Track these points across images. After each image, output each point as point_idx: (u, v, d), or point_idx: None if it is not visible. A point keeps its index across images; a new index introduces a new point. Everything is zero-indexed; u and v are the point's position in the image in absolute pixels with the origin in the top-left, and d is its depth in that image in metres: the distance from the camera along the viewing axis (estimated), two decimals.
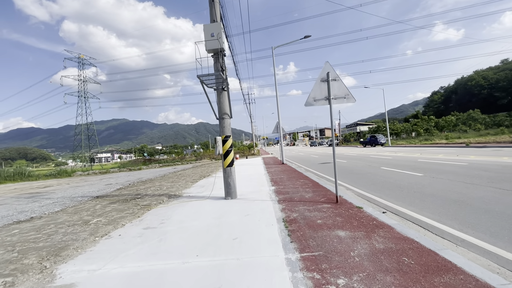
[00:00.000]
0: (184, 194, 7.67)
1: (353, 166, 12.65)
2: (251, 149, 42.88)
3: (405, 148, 26.30)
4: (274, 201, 5.73)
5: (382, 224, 3.74)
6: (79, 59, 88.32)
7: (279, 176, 10.23)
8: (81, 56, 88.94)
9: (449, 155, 14.55)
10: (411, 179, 7.97)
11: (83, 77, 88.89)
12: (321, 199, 5.57)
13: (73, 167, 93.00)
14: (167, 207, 5.92)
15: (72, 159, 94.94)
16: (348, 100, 5.16)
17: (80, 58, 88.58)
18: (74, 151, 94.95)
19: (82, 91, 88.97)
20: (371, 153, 21.08)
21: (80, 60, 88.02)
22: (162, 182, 11.16)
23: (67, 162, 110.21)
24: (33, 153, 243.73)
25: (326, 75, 5.18)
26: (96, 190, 11.57)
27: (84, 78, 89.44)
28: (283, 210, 4.89)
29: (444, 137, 34.57)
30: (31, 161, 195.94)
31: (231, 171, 6.31)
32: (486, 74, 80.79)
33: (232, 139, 6.42)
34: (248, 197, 6.33)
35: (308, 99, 5.27)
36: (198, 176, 12.73)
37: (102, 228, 4.48)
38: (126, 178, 17.18)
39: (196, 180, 11.02)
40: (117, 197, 8.07)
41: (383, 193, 6.39)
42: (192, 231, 4.00)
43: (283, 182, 8.42)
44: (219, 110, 6.38)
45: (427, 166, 10.34)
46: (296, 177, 9.63)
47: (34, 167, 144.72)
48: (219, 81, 6.16)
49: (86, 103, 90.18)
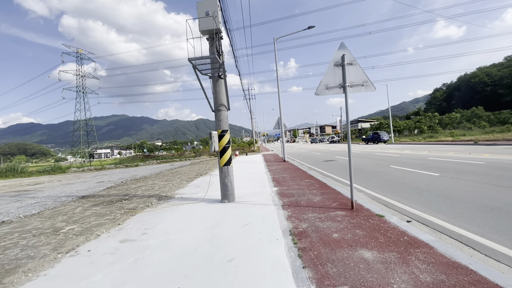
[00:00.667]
0: (177, 195, 6.89)
1: (360, 165, 11.87)
2: (251, 146, 42.08)
3: (410, 145, 25.50)
4: (277, 205, 4.95)
5: (416, 241, 2.96)
6: (78, 53, 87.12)
7: (281, 175, 9.45)
8: (79, 51, 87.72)
9: (460, 153, 13.76)
10: (428, 179, 7.19)
11: (82, 72, 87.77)
12: (332, 204, 4.79)
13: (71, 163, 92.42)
14: (155, 212, 5.15)
15: (71, 155, 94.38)
16: (367, 88, 4.35)
17: (79, 53, 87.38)
18: (73, 147, 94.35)
19: (81, 86, 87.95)
20: (375, 151, 20.28)
21: (78, 55, 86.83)
22: (156, 181, 10.38)
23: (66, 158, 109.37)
24: (33, 149, 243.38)
25: (340, 58, 4.37)
26: (85, 188, 10.81)
27: (83, 73, 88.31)
28: (289, 218, 4.12)
29: (449, 134, 33.76)
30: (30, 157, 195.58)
31: (229, 171, 5.53)
32: (489, 71, 79.56)
33: (230, 134, 5.63)
34: (247, 200, 5.55)
35: (319, 87, 4.46)
36: (195, 174, 11.95)
37: (71, 240, 3.71)
38: (120, 176, 16.42)
39: (191, 178, 10.24)
40: (103, 198, 7.30)
41: (401, 196, 5.61)
42: (178, 248, 3.22)
43: (287, 182, 7.65)
44: (215, 101, 5.57)
45: (441, 165, 9.55)
46: (300, 176, 8.85)
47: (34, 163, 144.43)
48: (214, 67, 5.34)
49: (84, 99, 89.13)
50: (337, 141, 60.70)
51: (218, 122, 5.52)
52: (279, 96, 15.93)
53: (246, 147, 41.28)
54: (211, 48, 5.46)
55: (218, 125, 5.53)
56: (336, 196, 5.51)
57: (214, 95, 5.58)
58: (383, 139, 35.44)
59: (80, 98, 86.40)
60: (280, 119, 16.23)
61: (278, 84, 15.94)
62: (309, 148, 37.41)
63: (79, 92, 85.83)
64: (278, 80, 16.00)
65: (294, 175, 9.21)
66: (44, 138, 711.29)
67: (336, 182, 7.62)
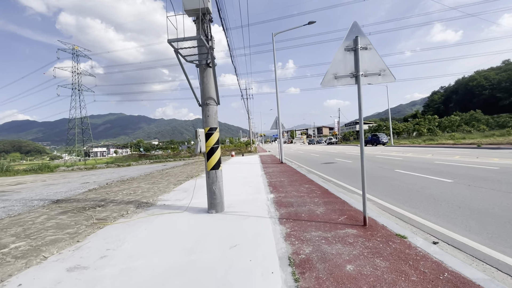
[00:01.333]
0: (159, 201, 6.05)
1: None
2: (248, 146, 41.27)
3: (410, 148, 24.85)
4: (274, 218, 4.14)
5: (462, 281, 2.16)
6: (73, 50, 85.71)
7: (278, 178, 8.65)
8: (75, 48, 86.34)
9: (466, 157, 13.07)
10: (442, 186, 6.43)
11: (77, 69, 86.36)
12: (340, 218, 3.99)
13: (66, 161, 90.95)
14: (127, 224, 4.31)
15: (67, 153, 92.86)
16: (385, 77, 3.56)
17: (75, 50, 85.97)
18: (68, 145, 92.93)
19: (76, 83, 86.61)
20: (375, 153, 19.57)
21: (74, 52, 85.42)
22: (142, 183, 9.52)
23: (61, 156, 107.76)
24: (28, 146, 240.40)
25: (353, 41, 3.58)
26: (65, 190, 9.93)
27: (78, 70, 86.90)
28: (287, 237, 3.31)
29: (449, 137, 33.24)
30: (25, 154, 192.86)
31: (217, 176, 4.71)
32: (487, 75, 79.71)
33: (219, 132, 4.81)
34: (239, 211, 4.73)
35: (325, 76, 3.66)
36: (185, 176, 11.10)
37: (5, 267, 2.86)
38: (108, 176, 15.51)
39: (180, 181, 9.39)
40: (77, 204, 6.44)
41: (416, 207, 4.84)
42: (139, 282, 2.40)
43: (284, 188, 6.84)
44: (203, 94, 4.75)
45: (451, 170, 8.81)
46: (299, 180, 8.05)
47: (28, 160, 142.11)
48: (202, 53, 4.52)
49: (80, 96, 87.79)
50: (335, 142, 60.09)
51: (205, 118, 4.70)
52: (277, 94, 15.14)
53: (243, 148, 40.46)
54: (198, 32, 4.63)
55: (205, 122, 4.71)
56: (342, 206, 4.71)
57: (201, 86, 4.76)
58: (382, 141, 34.85)
59: (75, 95, 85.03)
60: (278, 119, 15.44)
61: (276, 82, 15.16)
62: (307, 149, 36.68)
63: (75, 89, 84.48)
64: (276, 78, 15.22)
65: (293, 179, 8.40)
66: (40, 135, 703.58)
67: (339, 188, 6.84)
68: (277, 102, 15.15)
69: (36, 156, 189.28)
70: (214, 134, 4.70)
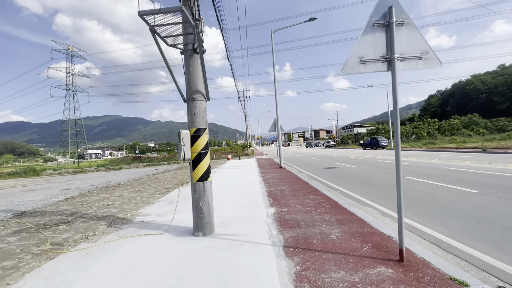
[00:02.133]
0: (138, 217, 5.07)
1: (368, 174, 10.22)
2: (245, 149, 40.30)
3: (411, 152, 24.10)
4: (277, 246, 3.19)
5: None
6: (68, 51, 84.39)
7: (279, 187, 7.70)
8: (70, 48, 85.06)
9: (477, 162, 12.27)
10: (468, 198, 5.54)
11: (72, 70, 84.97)
12: (364, 248, 3.05)
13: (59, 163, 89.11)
14: (87, 253, 3.33)
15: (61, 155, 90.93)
16: (427, 62, 2.66)
17: (69, 50, 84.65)
18: (62, 147, 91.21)
19: (71, 84, 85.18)
20: (377, 157, 18.75)
21: (68, 52, 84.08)
22: (126, 191, 8.51)
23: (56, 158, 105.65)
24: (21, 148, 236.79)
25: (384, 14, 2.68)
26: (40, 199, 8.88)
27: (73, 71, 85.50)
28: (299, 281, 2.37)
29: (449, 141, 32.65)
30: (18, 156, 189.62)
31: (205, 189, 3.76)
32: (484, 79, 79.89)
33: (208, 134, 3.87)
34: (232, 233, 3.78)
35: (348, 61, 2.75)
36: (175, 182, 10.10)
37: None
38: (95, 181, 14.44)
39: (169, 189, 8.39)
40: (42, 218, 5.43)
41: (450, 227, 3.94)
42: None
43: (286, 199, 5.90)
44: (188, 86, 3.81)
45: (469, 178, 7.94)
46: (302, 189, 7.11)
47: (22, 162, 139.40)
48: (187, 32, 3.58)
49: (74, 97, 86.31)
50: (333, 145, 59.36)
51: (191, 116, 3.76)
52: (276, 95, 14.24)
53: (240, 151, 39.46)
54: (183, 13, 3.69)
55: (191, 121, 3.76)
56: (361, 227, 3.78)
57: (186, 77, 3.82)
58: (382, 145, 34.15)
59: (69, 96, 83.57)
60: (277, 121, 14.53)
61: (275, 81, 14.28)
62: (305, 152, 35.84)
63: (69, 90, 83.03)
64: (275, 77, 14.34)
65: (295, 187, 7.46)
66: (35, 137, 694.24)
67: (349, 200, 5.91)
68: (275, 103, 14.27)
69: (30, 158, 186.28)
70: (202, 136, 3.75)
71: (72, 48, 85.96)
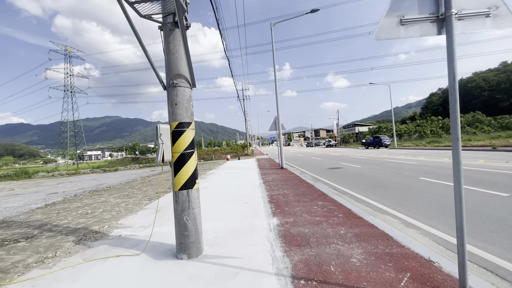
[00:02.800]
0: (116, 229, 4.27)
1: (377, 175, 9.41)
2: (245, 149, 39.50)
3: (416, 150, 23.28)
4: (283, 278, 2.39)
5: None
6: (66, 51, 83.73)
7: (281, 190, 6.90)
8: (68, 49, 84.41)
9: (492, 161, 11.50)
10: (502, 204, 4.75)
11: (70, 71, 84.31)
12: (401, 279, 2.26)
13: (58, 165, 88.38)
14: (32, 286, 2.54)
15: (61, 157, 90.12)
16: (496, 20, 1.87)
17: (67, 51, 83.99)
18: (60, 149, 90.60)
19: (69, 85, 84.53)
20: (382, 156, 17.96)
21: (66, 53, 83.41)
22: (112, 196, 7.71)
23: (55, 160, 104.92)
24: (21, 150, 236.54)
25: None
26: (22, 204, 8.13)
27: (71, 71, 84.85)
28: None
29: None
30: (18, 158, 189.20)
31: (191, 200, 2.96)
32: (486, 76, 79.11)
33: (194, 129, 3.08)
34: (224, 255, 2.98)
35: (382, 21, 1.95)
36: (169, 185, 9.30)
37: None
38: (86, 184, 13.68)
39: (160, 194, 7.60)
40: (4, 230, 4.64)
41: (498, 244, 3.14)
42: None
43: (291, 206, 5.11)
44: (168, 68, 3.01)
45: (492, 179, 7.14)
46: (308, 193, 6.32)
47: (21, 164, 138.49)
48: (166, 2, 2.79)
49: (72, 98, 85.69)
50: (334, 145, 58.54)
51: (172, 107, 2.96)
52: (276, 91, 13.45)
53: (240, 151, 38.65)
54: None
55: (172, 113, 2.96)
56: (388, 245, 2.98)
57: (166, 58, 3.02)
58: (385, 144, 33.34)
59: (68, 97, 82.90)
60: (278, 119, 13.73)
61: (276, 77, 13.48)
62: (306, 152, 35.03)
63: (67, 91, 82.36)
64: (276, 72, 13.55)
65: (299, 191, 6.66)
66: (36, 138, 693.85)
67: (364, 207, 5.11)
68: (276, 100, 13.47)
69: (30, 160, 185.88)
70: (187, 132, 2.96)
71: (70, 48, 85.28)
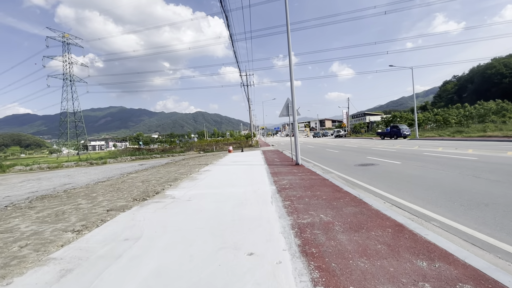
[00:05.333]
0: None
1: (441, 177, 6.42)
2: (249, 140, 36.59)
3: (448, 141, 20.08)
4: None
5: None
6: (64, 38, 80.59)
7: (314, 212, 4.01)
8: (66, 36, 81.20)
9: None
10: None
11: (68, 59, 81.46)
12: None
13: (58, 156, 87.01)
14: None
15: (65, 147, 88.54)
16: None
17: (65, 38, 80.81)
18: (61, 139, 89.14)
19: (68, 73, 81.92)
20: (413, 148, 14.93)
21: (64, 40, 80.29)
22: (66, 206, 4.98)
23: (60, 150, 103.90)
24: (27, 140, 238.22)
25: None
26: None
27: (70, 59, 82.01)
28: None
29: (482, 129, 28.44)
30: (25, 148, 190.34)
31: None
32: (507, 61, 73.91)
33: None
34: None
35: None
36: (141, 192, 6.49)
37: None
38: (53, 182, 11.04)
39: (112, 213, 4.79)
40: None
41: None
42: None
43: (343, 252, 2.25)
44: None
45: None
46: (368, 220, 3.44)
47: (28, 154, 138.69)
48: None
49: (72, 87, 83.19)
50: (344, 135, 55.21)
51: None
52: (290, 66, 10.37)
53: (244, 141, 35.77)
54: None
55: None
56: None
57: None
58: (404, 134, 30.09)
59: (67, 86, 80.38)
60: (292, 102, 10.68)
61: (289, 46, 10.38)
62: (316, 143, 31.96)
63: (66, 80, 79.78)
64: (290, 43, 10.44)
65: (346, 213, 3.77)
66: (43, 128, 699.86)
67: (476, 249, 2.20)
68: (290, 77, 10.41)
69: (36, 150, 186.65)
70: None
71: (68, 35, 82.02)
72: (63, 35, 79.70)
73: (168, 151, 33.00)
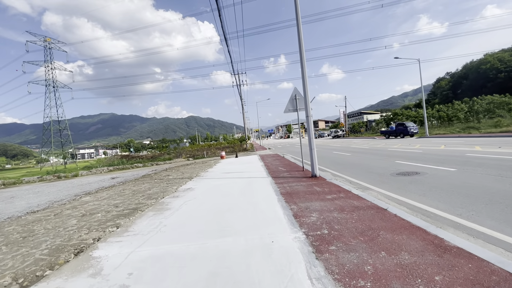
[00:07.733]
0: None
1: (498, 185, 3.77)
2: (243, 143, 33.73)
3: (463, 139, 17.69)
4: None
5: None
6: (45, 43, 76.21)
7: None
8: (47, 40, 76.88)
9: None
10: None
11: (51, 64, 77.13)
12: None
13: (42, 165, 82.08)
14: None
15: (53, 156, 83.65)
16: None
17: (46, 42, 76.44)
18: (44, 148, 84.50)
19: (50, 79, 77.58)
20: (440, 148, 12.37)
21: (46, 45, 75.92)
22: None
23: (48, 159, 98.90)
24: (14, 150, 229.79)
25: None
26: None
27: (52, 65, 77.66)
28: None
29: (494, 124, 26.42)
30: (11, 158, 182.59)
31: None
32: (501, 56, 73.24)
33: None
34: None
35: None
36: (76, 237, 3.63)
37: None
38: None
39: None
40: None
41: None
42: None
43: None
44: None
45: None
46: None
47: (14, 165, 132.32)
48: None
49: (56, 94, 78.94)
50: (342, 135, 52.93)
51: None
52: (301, 48, 7.66)
53: (238, 145, 32.91)
54: None
55: None
56: None
57: None
58: (411, 132, 27.79)
59: (50, 93, 76.00)
60: (305, 93, 7.92)
61: (299, 23, 7.67)
62: (316, 144, 29.31)
63: (49, 86, 75.41)
64: (299, 21, 7.74)
65: None
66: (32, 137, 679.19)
67: None
68: (301, 61, 7.67)
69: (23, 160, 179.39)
70: None
71: (49, 39, 77.67)
72: (45, 39, 75.41)
73: (156, 158, 29.89)
